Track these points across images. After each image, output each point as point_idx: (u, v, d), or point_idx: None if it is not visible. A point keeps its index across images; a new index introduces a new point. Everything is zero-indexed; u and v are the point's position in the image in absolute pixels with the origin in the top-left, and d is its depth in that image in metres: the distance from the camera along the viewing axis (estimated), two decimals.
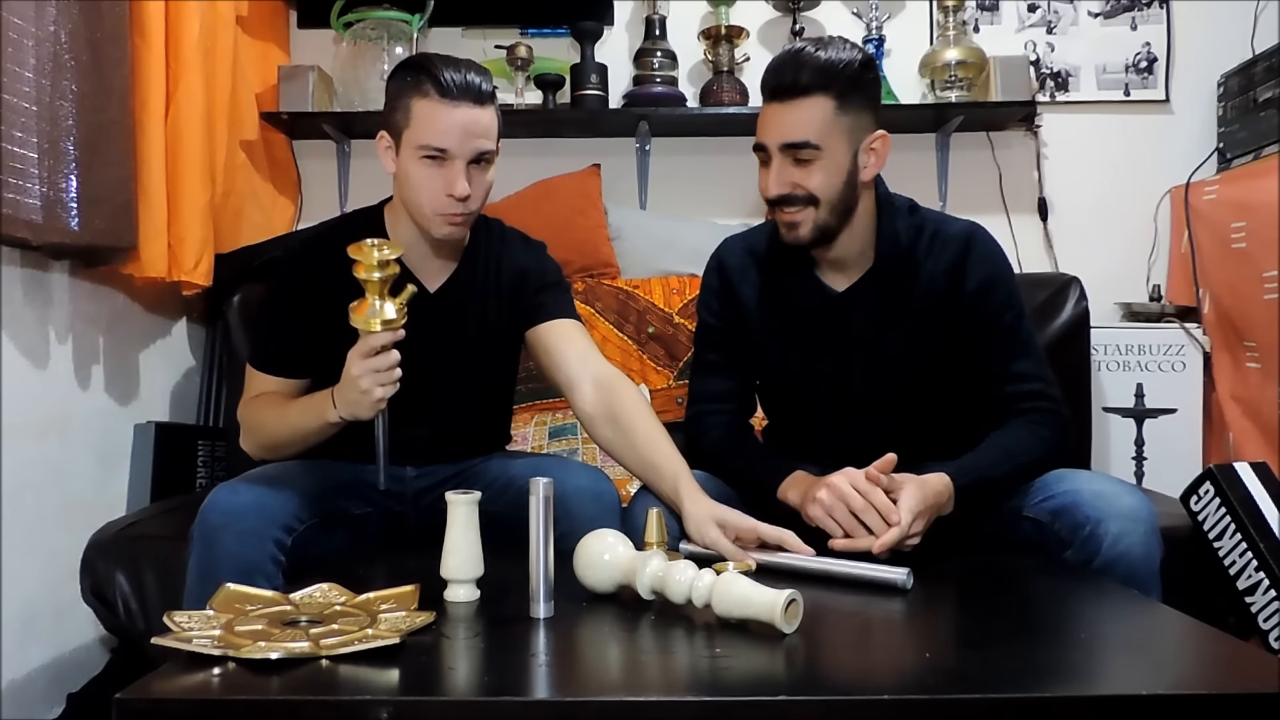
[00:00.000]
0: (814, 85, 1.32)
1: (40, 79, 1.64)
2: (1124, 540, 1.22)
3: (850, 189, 1.38)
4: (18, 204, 1.60)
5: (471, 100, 1.34)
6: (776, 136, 1.35)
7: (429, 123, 1.33)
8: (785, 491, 1.35)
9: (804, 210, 1.36)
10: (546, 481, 1.03)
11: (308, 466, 1.44)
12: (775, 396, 1.59)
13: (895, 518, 1.21)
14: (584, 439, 2.04)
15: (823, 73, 1.32)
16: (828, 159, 1.34)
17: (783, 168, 1.36)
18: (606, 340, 2.20)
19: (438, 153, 1.34)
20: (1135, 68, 2.54)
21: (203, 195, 2.03)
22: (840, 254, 1.43)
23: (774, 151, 1.36)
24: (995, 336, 1.43)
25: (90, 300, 1.90)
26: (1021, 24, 2.56)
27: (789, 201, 1.36)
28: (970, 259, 1.43)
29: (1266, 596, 1.57)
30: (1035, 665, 0.89)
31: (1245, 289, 2.21)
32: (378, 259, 1.17)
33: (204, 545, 1.26)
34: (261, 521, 1.28)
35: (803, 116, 1.33)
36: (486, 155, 1.38)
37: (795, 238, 1.38)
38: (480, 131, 1.35)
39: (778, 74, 1.35)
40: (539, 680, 0.88)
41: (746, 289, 1.50)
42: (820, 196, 1.35)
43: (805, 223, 1.37)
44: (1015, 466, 1.35)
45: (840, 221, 1.39)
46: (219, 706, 0.79)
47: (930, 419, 1.48)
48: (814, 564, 1.18)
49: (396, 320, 1.21)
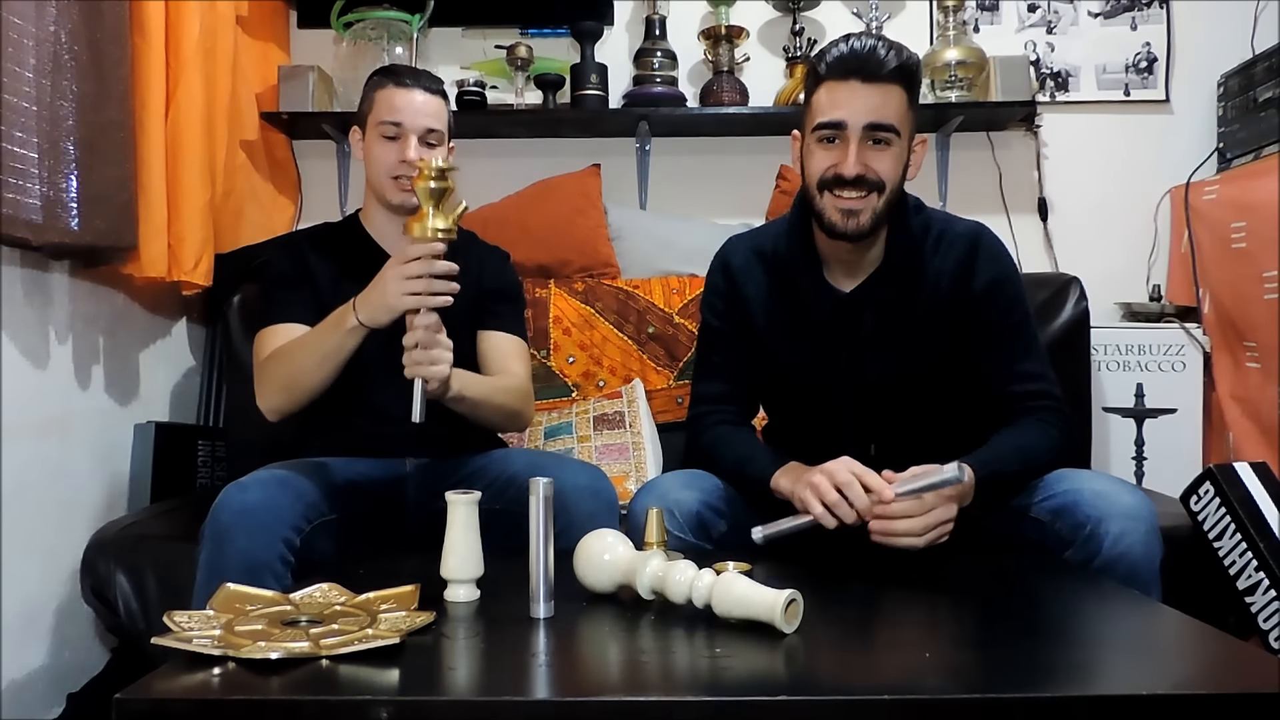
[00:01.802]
0: (896, 74, 1.33)
1: (40, 79, 1.64)
2: (1124, 540, 1.22)
3: (902, 184, 1.39)
4: (18, 204, 1.60)
5: (422, 87, 1.58)
6: (862, 115, 1.33)
7: (386, 102, 1.57)
8: (777, 480, 1.35)
9: (868, 197, 1.35)
10: (546, 481, 1.02)
11: (316, 465, 1.46)
12: (780, 397, 1.58)
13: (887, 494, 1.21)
14: (579, 437, 2.05)
15: (904, 64, 1.34)
16: (899, 148, 1.35)
17: (861, 149, 1.34)
18: (607, 340, 2.20)
19: (393, 126, 1.55)
20: (1135, 68, 2.54)
21: (203, 195, 2.03)
22: (860, 254, 1.43)
23: (855, 130, 1.33)
24: (1002, 336, 1.42)
25: (90, 300, 1.90)
26: (1021, 24, 2.56)
27: (859, 184, 1.34)
28: (978, 259, 1.43)
29: (1266, 596, 1.57)
30: (1035, 665, 0.89)
31: (1245, 289, 2.21)
32: (436, 168, 1.29)
33: (215, 543, 1.27)
34: (272, 520, 1.29)
35: (890, 100, 1.33)
36: (434, 133, 1.57)
37: (856, 225, 1.35)
38: (430, 111, 1.57)
39: (864, 57, 1.33)
40: (539, 680, 0.88)
41: (752, 289, 1.50)
42: (888, 184, 1.35)
43: (867, 210, 1.35)
44: (1028, 464, 1.35)
45: (888, 216, 1.39)
46: (219, 706, 0.79)
47: (936, 418, 1.48)
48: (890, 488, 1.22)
49: (445, 230, 1.32)
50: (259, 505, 1.30)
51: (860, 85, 1.33)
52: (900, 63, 1.33)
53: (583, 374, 2.20)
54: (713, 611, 0.97)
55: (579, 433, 2.06)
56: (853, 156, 1.33)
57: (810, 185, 1.39)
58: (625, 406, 2.10)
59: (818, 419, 1.51)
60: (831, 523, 1.22)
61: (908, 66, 1.34)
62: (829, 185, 1.35)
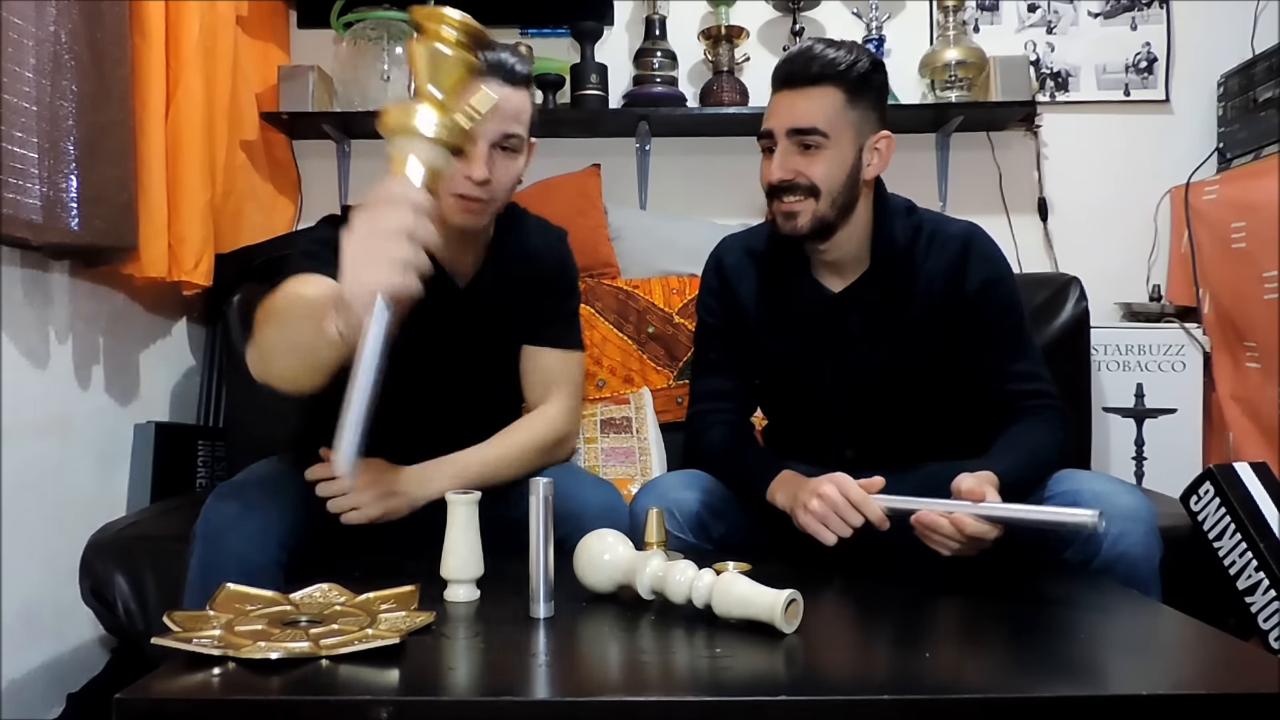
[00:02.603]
0: (826, 75, 1.33)
1: (40, 79, 1.64)
2: (1124, 540, 1.22)
3: (852, 185, 1.38)
4: (18, 204, 1.60)
5: (502, 78, 1.28)
6: (785, 121, 1.35)
7: None
8: (774, 494, 1.34)
9: (804, 200, 1.36)
10: (546, 482, 1.03)
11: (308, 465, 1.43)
12: (774, 396, 1.59)
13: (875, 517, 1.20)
14: (586, 439, 2.05)
15: (835, 65, 1.34)
16: (833, 150, 1.35)
17: (787, 154, 1.35)
18: (606, 340, 2.20)
19: None
20: (1135, 68, 2.54)
21: (203, 195, 2.03)
22: (837, 255, 1.43)
23: (780, 137, 1.36)
24: (997, 336, 1.42)
25: (90, 300, 1.90)
26: (1021, 24, 2.56)
27: (790, 189, 1.36)
28: (970, 260, 1.43)
29: (1266, 596, 1.57)
30: (1035, 665, 0.89)
31: (1245, 289, 2.21)
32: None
33: (206, 545, 1.25)
34: (266, 521, 1.27)
35: (813, 104, 1.34)
36: (513, 140, 1.31)
37: (793, 228, 1.38)
38: (509, 114, 1.28)
39: (791, 63, 1.36)
40: (539, 680, 0.88)
41: (744, 288, 1.50)
42: (822, 187, 1.35)
43: (804, 213, 1.36)
44: (1041, 467, 1.34)
45: (839, 217, 1.38)
46: (219, 706, 0.79)
47: (929, 419, 1.48)
48: (997, 510, 1.16)
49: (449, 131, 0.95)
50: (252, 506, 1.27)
51: (788, 93, 1.36)
52: (829, 63, 1.33)
53: None
54: (713, 611, 0.97)
55: (585, 434, 2.06)
56: (775, 162, 1.36)
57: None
58: (633, 413, 2.11)
59: (811, 418, 1.52)
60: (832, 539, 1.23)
61: (840, 66, 1.34)
62: (770, 194, 1.39)
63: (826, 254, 1.43)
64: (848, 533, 1.22)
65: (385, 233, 0.89)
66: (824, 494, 1.23)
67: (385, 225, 0.89)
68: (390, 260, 0.89)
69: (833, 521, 1.22)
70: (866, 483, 1.23)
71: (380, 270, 0.89)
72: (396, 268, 0.89)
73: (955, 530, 1.15)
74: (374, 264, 0.89)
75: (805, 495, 1.25)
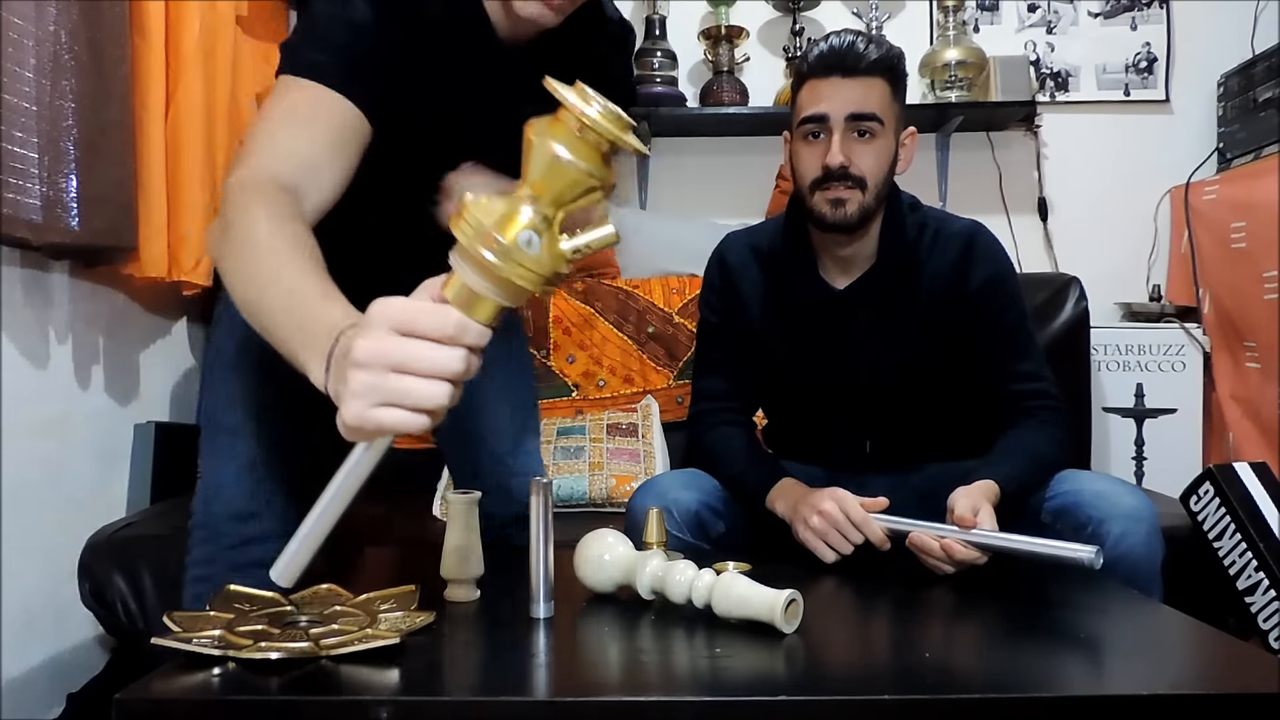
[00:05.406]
0: (876, 66, 1.35)
1: (40, 79, 1.64)
2: (1126, 540, 1.22)
3: (890, 178, 1.40)
4: (18, 204, 1.60)
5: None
6: (843, 106, 1.35)
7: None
8: (773, 501, 1.34)
9: (853, 189, 1.36)
10: (546, 482, 1.02)
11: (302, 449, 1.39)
12: (777, 394, 1.58)
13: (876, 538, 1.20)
14: (591, 438, 2.05)
15: (884, 57, 1.35)
16: (883, 140, 1.36)
17: (845, 140, 1.35)
18: (606, 340, 2.20)
19: None
20: (1135, 68, 2.54)
21: (203, 195, 2.02)
22: (855, 249, 1.43)
23: (837, 122, 1.35)
24: (999, 335, 1.42)
25: (90, 300, 1.90)
26: (1021, 24, 2.56)
27: (842, 177, 1.35)
28: (974, 257, 1.43)
29: (1266, 596, 1.57)
30: (1035, 665, 0.89)
31: (1245, 289, 2.21)
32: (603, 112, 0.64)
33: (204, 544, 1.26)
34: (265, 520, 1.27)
35: (871, 92, 1.35)
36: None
37: (843, 215, 1.36)
38: None
39: (840, 52, 1.35)
40: (539, 680, 0.88)
41: (748, 286, 1.50)
42: (869, 180, 1.36)
43: (853, 201, 1.36)
44: (1043, 470, 1.34)
45: (876, 210, 1.39)
46: (219, 707, 0.79)
47: (932, 417, 1.48)
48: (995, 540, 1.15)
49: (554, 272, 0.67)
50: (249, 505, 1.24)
51: (841, 79, 1.35)
52: (880, 55, 1.35)
53: (583, 374, 2.20)
54: (713, 611, 0.97)
55: (591, 435, 2.06)
56: (836, 146, 1.34)
57: (801, 186, 1.40)
58: (640, 420, 2.11)
59: (814, 416, 1.51)
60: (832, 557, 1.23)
61: (889, 59, 1.36)
62: (817, 182, 1.37)
63: (846, 248, 1.43)
64: (848, 550, 1.22)
65: (430, 367, 0.65)
66: (825, 511, 1.22)
67: (433, 362, 0.65)
68: (420, 399, 0.65)
69: (833, 539, 1.22)
70: (869, 502, 1.23)
71: (402, 415, 0.66)
72: (422, 417, 0.66)
73: (946, 555, 1.15)
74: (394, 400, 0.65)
75: (806, 510, 1.25)
